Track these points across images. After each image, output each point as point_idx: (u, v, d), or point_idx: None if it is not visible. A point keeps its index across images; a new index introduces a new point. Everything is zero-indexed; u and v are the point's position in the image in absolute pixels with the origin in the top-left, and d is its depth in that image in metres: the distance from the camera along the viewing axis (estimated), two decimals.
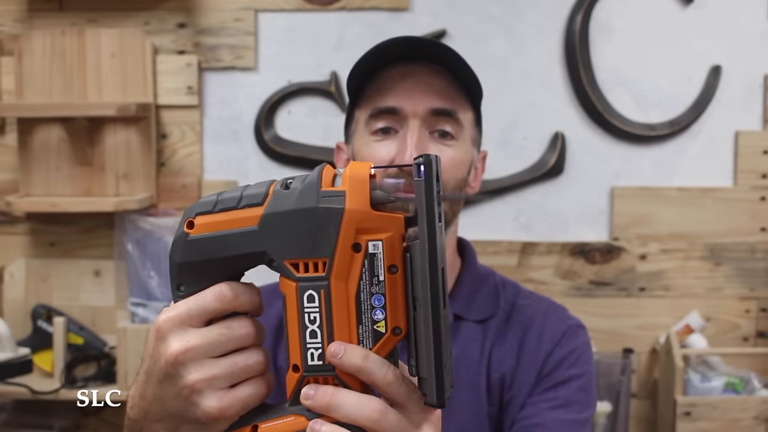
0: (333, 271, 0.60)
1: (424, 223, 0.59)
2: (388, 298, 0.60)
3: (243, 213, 0.62)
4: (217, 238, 0.62)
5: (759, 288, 2.03)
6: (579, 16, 1.97)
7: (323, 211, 0.60)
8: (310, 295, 0.60)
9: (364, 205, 0.60)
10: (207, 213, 0.63)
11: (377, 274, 0.60)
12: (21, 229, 2.08)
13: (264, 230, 0.61)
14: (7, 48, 2.05)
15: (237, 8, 2.01)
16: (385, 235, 0.60)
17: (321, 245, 0.60)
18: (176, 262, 0.64)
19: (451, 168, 1.00)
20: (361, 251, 0.60)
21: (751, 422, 1.83)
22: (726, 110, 2.00)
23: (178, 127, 2.04)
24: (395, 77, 1.00)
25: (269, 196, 0.61)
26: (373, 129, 1.01)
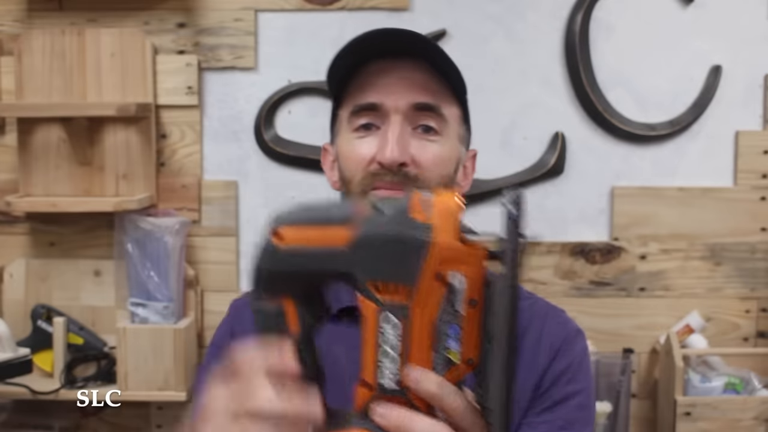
0: (415, 299, 0.61)
1: (509, 262, 0.60)
2: (465, 329, 0.61)
3: (333, 231, 0.63)
4: (306, 253, 0.63)
5: (759, 288, 2.03)
6: (579, 16, 1.97)
7: (412, 239, 0.60)
8: (390, 319, 0.62)
9: (450, 237, 0.61)
10: (295, 225, 0.64)
11: (456, 305, 0.61)
12: (21, 229, 2.08)
13: (353, 252, 0.62)
14: (6, 48, 2.05)
15: (237, 8, 2.01)
16: (468, 269, 0.61)
17: (406, 272, 0.61)
18: (264, 271, 0.65)
19: (436, 164, 0.97)
20: (443, 281, 0.61)
21: (751, 422, 1.83)
22: (726, 110, 2.00)
23: (178, 127, 2.04)
24: (376, 73, 0.98)
25: (359, 218, 0.62)
26: (355, 126, 0.98)
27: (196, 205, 2.05)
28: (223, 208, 2.05)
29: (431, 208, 0.62)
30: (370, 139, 0.97)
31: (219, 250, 2.06)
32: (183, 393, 1.92)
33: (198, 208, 2.05)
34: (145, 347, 1.91)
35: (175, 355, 1.91)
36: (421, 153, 0.95)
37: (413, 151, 0.95)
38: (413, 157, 0.95)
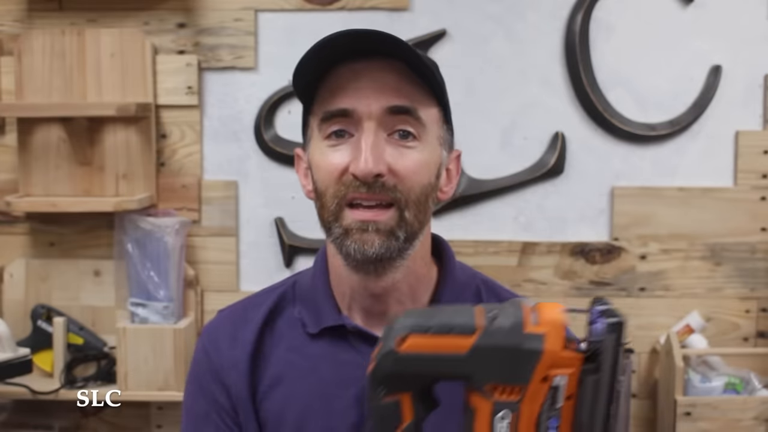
0: (525, 398, 0.72)
1: (607, 374, 0.71)
2: (563, 420, 0.72)
3: (454, 340, 0.73)
4: (427, 358, 0.73)
5: (759, 288, 2.03)
6: (579, 16, 1.97)
7: (526, 350, 0.71)
8: (502, 415, 0.72)
9: (558, 346, 0.71)
10: (420, 333, 0.73)
11: (557, 401, 0.72)
12: (21, 229, 2.08)
13: (473, 358, 0.72)
14: (6, 48, 2.05)
15: (237, 8, 2.01)
16: (569, 371, 0.72)
17: (519, 376, 0.72)
18: (384, 373, 0.74)
19: (414, 173, 0.89)
20: (548, 382, 0.72)
21: (751, 422, 1.83)
22: (726, 110, 2.00)
23: (178, 127, 2.04)
24: (346, 76, 0.89)
25: (479, 329, 0.72)
26: (326, 134, 0.90)
27: (196, 205, 2.05)
28: (223, 208, 2.05)
29: (541, 319, 0.72)
30: (343, 147, 0.89)
31: (219, 250, 2.06)
32: (183, 393, 1.92)
33: (198, 208, 2.05)
34: (145, 347, 1.91)
35: (175, 355, 1.91)
36: (398, 161, 0.88)
37: (389, 160, 0.87)
38: (390, 166, 0.87)
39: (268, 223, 2.06)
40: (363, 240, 0.88)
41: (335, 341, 0.95)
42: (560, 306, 0.73)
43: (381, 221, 0.88)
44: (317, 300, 0.98)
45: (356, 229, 0.89)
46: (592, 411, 0.72)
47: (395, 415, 0.75)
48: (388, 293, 0.93)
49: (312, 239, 2.05)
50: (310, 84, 0.92)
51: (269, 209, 2.06)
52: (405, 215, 0.89)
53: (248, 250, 2.07)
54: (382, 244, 0.88)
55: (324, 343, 0.96)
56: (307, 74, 0.91)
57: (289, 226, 2.06)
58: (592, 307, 0.73)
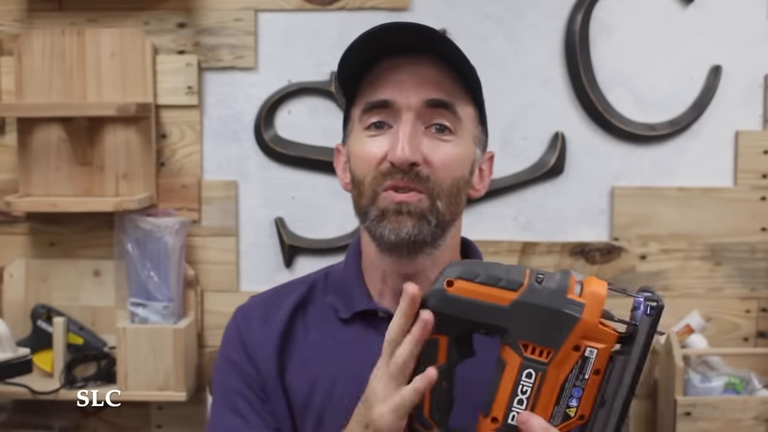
0: (554, 361, 0.76)
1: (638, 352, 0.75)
2: (586, 392, 0.76)
3: (499, 292, 0.76)
4: (471, 303, 0.77)
5: (759, 288, 2.03)
6: (579, 16, 1.97)
7: (565, 315, 0.75)
8: (529, 372, 0.76)
9: (595, 318, 0.75)
10: (468, 280, 0.77)
11: (584, 372, 0.76)
12: (21, 229, 2.08)
13: (513, 312, 0.76)
14: (6, 48, 2.05)
15: (237, 8, 2.01)
16: (601, 346, 0.76)
17: (552, 338, 0.76)
18: (428, 308, 0.78)
19: (448, 165, 0.93)
20: (579, 351, 0.76)
21: (751, 422, 1.83)
22: (726, 110, 2.00)
23: (177, 127, 2.04)
24: (388, 69, 0.94)
25: (524, 286, 0.76)
26: (366, 124, 0.95)
27: (196, 205, 2.05)
28: (223, 208, 2.05)
29: (584, 290, 0.76)
30: (381, 138, 0.94)
31: (219, 250, 2.06)
32: (183, 393, 1.92)
33: (198, 208, 2.05)
34: (145, 347, 1.91)
35: (175, 355, 1.91)
36: (433, 153, 0.93)
37: (425, 151, 0.92)
38: (425, 157, 0.92)
39: (268, 223, 2.06)
40: (398, 221, 0.92)
41: (366, 326, 0.99)
42: (606, 284, 0.77)
43: (413, 203, 0.92)
44: (349, 287, 1.01)
45: (392, 211, 0.92)
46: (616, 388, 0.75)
47: (431, 353, 0.79)
48: (419, 277, 0.96)
49: (312, 239, 2.05)
50: (353, 77, 0.97)
51: (269, 209, 2.06)
52: (437, 203, 0.93)
53: (248, 250, 2.07)
54: (414, 225, 0.92)
55: (355, 327, 0.99)
56: (350, 68, 0.95)
57: (289, 226, 2.06)
58: (638, 292, 0.77)
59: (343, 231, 2.03)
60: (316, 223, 2.05)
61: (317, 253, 2.03)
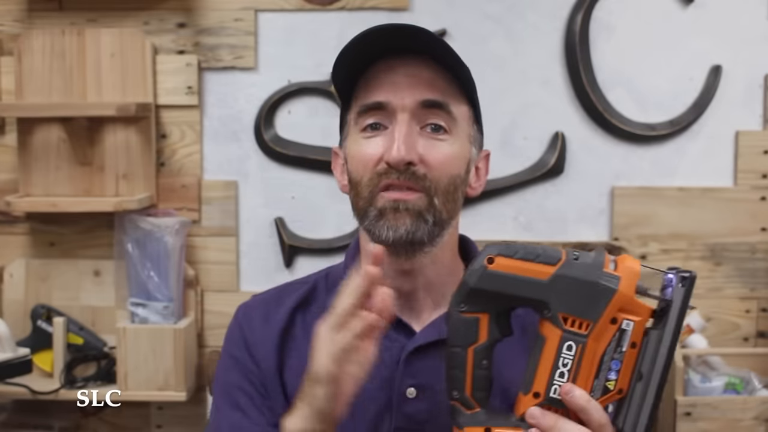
0: (592, 333, 0.78)
1: (673, 323, 0.78)
2: (624, 365, 0.78)
3: (538, 267, 0.79)
4: (511, 278, 0.79)
5: (759, 288, 2.03)
6: (579, 16, 1.97)
7: (602, 287, 0.77)
8: (570, 345, 0.78)
9: (630, 291, 0.78)
10: (507, 256, 0.79)
11: (622, 345, 0.78)
12: (21, 229, 2.08)
13: (552, 285, 0.78)
14: (6, 48, 2.05)
15: (237, 8, 2.01)
16: (637, 318, 0.78)
17: (590, 311, 0.78)
18: (469, 287, 0.80)
19: (444, 164, 0.94)
20: (616, 324, 0.78)
21: (751, 422, 1.83)
22: (726, 110, 2.00)
23: (177, 127, 2.04)
24: (382, 71, 0.94)
25: (561, 261, 0.79)
26: (362, 126, 0.95)
27: (196, 205, 2.05)
28: (223, 208, 2.05)
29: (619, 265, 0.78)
30: (377, 139, 0.94)
31: (219, 250, 2.06)
32: (183, 393, 1.92)
33: (198, 208, 2.05)
34: (145, 347, 1.91)
35: (175, 355, 1.91)
36: (429, 152, 0.93)
37: (421, 150, 0.93)
38: (421, 157, 0.92)
39: (268, 223, 2.06)
40: (396, 219, 0.92)
41: None
42: (639, 261, 0.79)
43: (411, 200, 0.92)
44: None
45: (390, 209, 0.93)
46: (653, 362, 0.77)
47: (473, 331, 0.80)
48: (416, 275, 0.97)
49: (312, 239, 2.05)
50: (347, 80, 0.97)
51: (269, 209, 2.06)
52: (434, 201, 0.94)
53: (248, 250, 2.07)
54: (412, 224, 0.92)
55: None
56: (344, 71, 0.95)
57: (289, 226, 2.06)
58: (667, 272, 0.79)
59: (343, 231, 2.03)
60: (316, 223, 2.05)
61: (317, 253, 2.03)
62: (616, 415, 0.79)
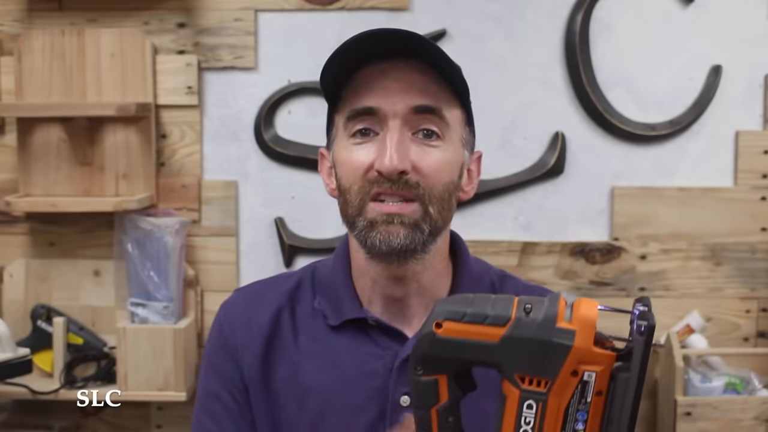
0: (552, 389, 0.75)
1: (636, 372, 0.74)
2: (590, 415, 0.75)
3: (487, 329, 0.76)
4: (461, 343, 0.76)
5: (759, 288, 2.03)
6: (579, 16, 1.97)
7: (556, 345, 0.74)
8: (530, 404, 0.75)
9: (588, 343, 0.74)
10: (455, 321, 0.76)
11: (586, 396, 0.75)
12: (20, 229, 2.08)
13: (503, 347, 0.75)
14: (6, 48, 2.05)
15: (237, 8, 2.01)
16: (599, 368, 0.74)
17: (547, 368, 0.74)
18: (422, 353, 0.78)
19: (437, 171, 0.91)
20: (577, 377, 0.74)
21: (751, 422, 1.83)
22: (726, 110, 2.00)
23: (177, 127, 2.04)
24: (373, 75, 0.92)
25: (511, 320, 0.75)
26: (352, 132, 0.92)
27: (196, 205, 2.05)
28: (223, 208, 2.05)
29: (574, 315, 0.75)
30: (368, 145, 0.91)
31: (219, 250, 2.06)
32: (183, 393, 1.92)
33: (198, 208, 2.05)
34: (145, 347, 1.91)
35: (175, 355, 1.91)
36: (422, 159, 0.91)
37: (414, 158, 0.90)
38: (414, 164, 0.90)
39: (268, 223, 2.06)
40: (389, 231, 0.90)
41: (356, 334, 0.97)
42: (596, 304, 0.75)
43: (406, 214, 0.90)
44: (338, 292, 0.99)
45: (381, 222, 0.91)
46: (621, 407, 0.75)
47: (433, 393, 0.78)
48: (409, 281, 0.96)
49: (312, 239, 2.05)
50: (336, 83, 0.94)
51: (269, 209, 2.06)
52: (429, 210, 0.92)
53: (248, 250, 2.07)
54: (407, 236, 0.90)
55: (345, 335, 0.97)
56: (334, 73, 0.93)
57: (289, 226, 2.06)
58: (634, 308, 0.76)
59: (343, 231, 2.01)
60: (316, 223, 2.05)
61: (317, 253, 2.03)
62: None
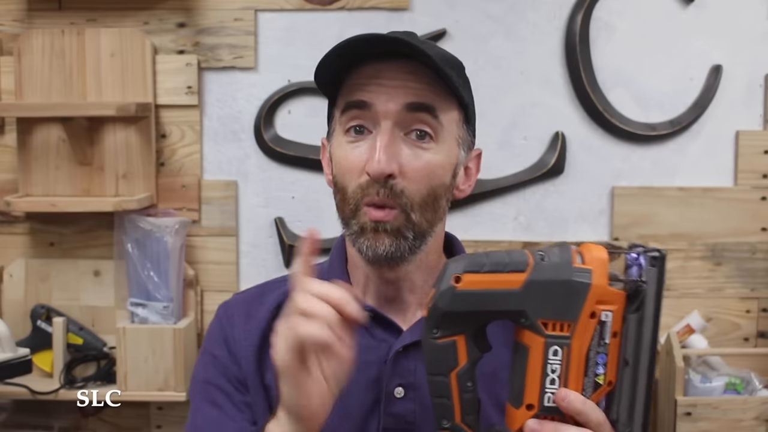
0: (575, 333, 0.76)
1: (651, 306, 0.76)
2: (609, 356, 0.77)
3: (508, 276, 0.76)
4: (483, 294, 0.76)
5: (760, 288, 2.03)
6: (579, 16, 1.97)
7: (575, 283, 0.75)
8: (555, 350, 0.76)
9: (604, 281, 0.75)
10: (475, 272, 0.76)
11: (604, 337, 0.76)
12: (20, 229, 2.08)
13: (526, 293, 0.75)
14: (6, 47, 2.05)
15: (237, 8, 2.01)
16: (614, 307, 0.76)
17: (569, 311, 0.75)
18: (441, 311, 0.76)
19: (425, 176, 0.92)
20: (595, 318, 0.76)
21: (751, 422, 1.83)
22: (726, 110, 2.00)
23: (177, 127, 2.04)
24: (368, 73, 0.93)
25: (530, 265, 0.76)
26: (346, 127, 0.95)
27: (196, 205, 2.05)
28: (222, 208, 2.05)
29: (586, 256, 0.76)
30: (361, 144, 0.93)
31: (219, 250, 2.06)
32: (183, 393, 1.92)
33: (198, 208, 2.05)
34: (145, 347, 1.91)
35: (175, 355, 1.91)
36: (411, 162, 0.92)
37: (402, 161, 0.91)
38: (401, 167, 0.91)
39: (268, 223, 2.06)
40: (375, 239, 0.92)
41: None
42: (604, 247, 0.77)
43: (389, 221, 0.92)
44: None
45: (370, 229, 0.92)
46: (636, 347, 0.76)
47: (452, 356, 0.77)
48: (401, 281, 0.97)
49: None
50: (335, 76, 0.96)
51: (269, 209, 2.06)
52: (411, 217, 0.92)
53: (248, 250, 2.07)
54: (391, 244, 0.92)
55: None
56: (330, 69, 0.94)
57: (289, 226, 2.06)
58: (629, 251, 0.77)
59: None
60: (316, 223, 2.05)
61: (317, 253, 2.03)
62: (609, 407, 0.78)
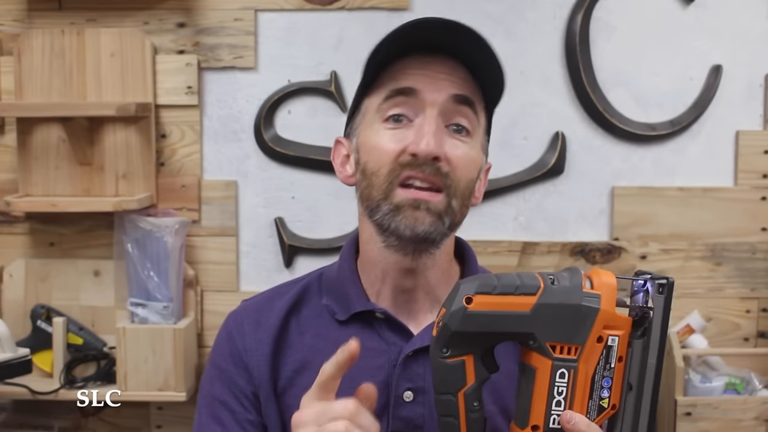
0: (582, 356, 0.77)
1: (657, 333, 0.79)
2: (614, 380, 0.79)
3: (519, 299, 0.77)
4: (494, 315, 0.77)
5: (760, 288, 2.03)
6: (579, 16, 1.97)
7: (584, 308, 0.77)
8: (562, 372, 0.77)
9: (612, 306, 0.78)
10: (486, 293, 0.77)
11: (610, 361, 0.78)
12: (20, 229, 2.08)
13: (535, 315, 0.77)
14: (6, 47, 2.05)
15: (237, 8, 2.01)
16: (621, 332, 0.78)
17: (577, 334, 0.77)
18: (452, 330, 0.77)
19: (465, 165, 0.94)
20: (602, 342, 0.78)
21: (751, 422, 1.83)
22: (727, 110, 2.00)
23: (177, 127, 2.04)
24: (414, 64, 0.94)
25: (541, 289, 0.77)
26: (385, 116, 0.94)
27: (196, 204, 2.05)
28: (222, 208, 2.05)
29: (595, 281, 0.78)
30: (400, 132, 0.93)
31: (219, 250, 2.06)
32: (183, 393, 1.92)
33: (198, 207, 2.05)
34: (145, 347, 1.91)
35: (175, 355, 1.91)
36: (453, 151, 0.93)
37: (446, 148, 0.92)
38: (446, 154, 0.92)
39: (268, 223, 2.06)
40: (415, 216, 0.91)
41: (363, 328, 0.97)
42: (612, 273, 0.79)
43: (433, 202, 0.92)
44: (345, 288, 1.00)
45: (408, 206, 0.91)
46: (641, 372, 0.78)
47: (460, 376, 0.78)
48: (419, 274, 0.97)
49: (312, 239, 2.05)
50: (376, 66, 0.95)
51: (269, 209, 2.05)
52: (452, 203, 0.93)
53: (248, 250, 2.07)
54: (432, 224, 0.92)
55: (352, 330, 0.97)
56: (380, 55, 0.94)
57: (289, 226, 2.06)
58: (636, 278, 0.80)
59: (343, 231, 2.02)
60: (316, 223, 2.05)
61: (317, 253, 2.03)
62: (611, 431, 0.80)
